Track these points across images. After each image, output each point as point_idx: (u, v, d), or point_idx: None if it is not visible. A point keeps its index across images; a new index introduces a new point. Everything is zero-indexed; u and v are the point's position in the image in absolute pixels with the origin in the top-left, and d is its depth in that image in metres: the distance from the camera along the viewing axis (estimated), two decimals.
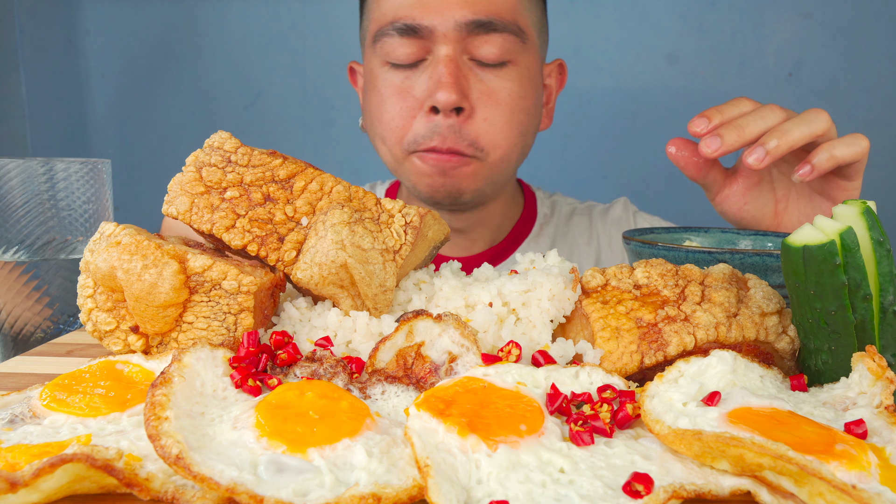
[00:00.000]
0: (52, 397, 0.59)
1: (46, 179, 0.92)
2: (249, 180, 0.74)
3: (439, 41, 1.23)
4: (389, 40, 1.26)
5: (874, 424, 0.54)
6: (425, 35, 1.23)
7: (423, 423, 0.53)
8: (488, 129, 1.26)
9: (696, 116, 0.98)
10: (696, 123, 0.98)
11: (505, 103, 1.27)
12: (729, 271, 0.74)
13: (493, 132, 1.26)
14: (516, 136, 1.30)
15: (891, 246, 0.62)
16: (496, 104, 1.26)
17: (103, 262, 0.68)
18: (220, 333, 0.69)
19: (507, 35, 1.25)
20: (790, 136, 0.94)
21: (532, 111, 1.33)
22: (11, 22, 2.26)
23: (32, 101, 2.33)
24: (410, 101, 1.27)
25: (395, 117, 1.28)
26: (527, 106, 1.31)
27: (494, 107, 1.26)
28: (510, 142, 1.30)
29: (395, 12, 1.25)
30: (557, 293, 0.74)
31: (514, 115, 1.28)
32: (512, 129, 1.29)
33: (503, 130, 1.28)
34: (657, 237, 1.01)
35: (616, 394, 0.60)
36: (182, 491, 0.46)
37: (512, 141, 1.30)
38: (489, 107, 1.26)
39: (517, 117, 1.29)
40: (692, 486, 0.49)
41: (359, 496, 0.46)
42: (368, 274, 0.71)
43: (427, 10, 1.23)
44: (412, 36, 1.24)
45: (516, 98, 1.28)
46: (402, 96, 1.27)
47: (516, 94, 1.28)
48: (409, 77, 1.27)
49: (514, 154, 1.32)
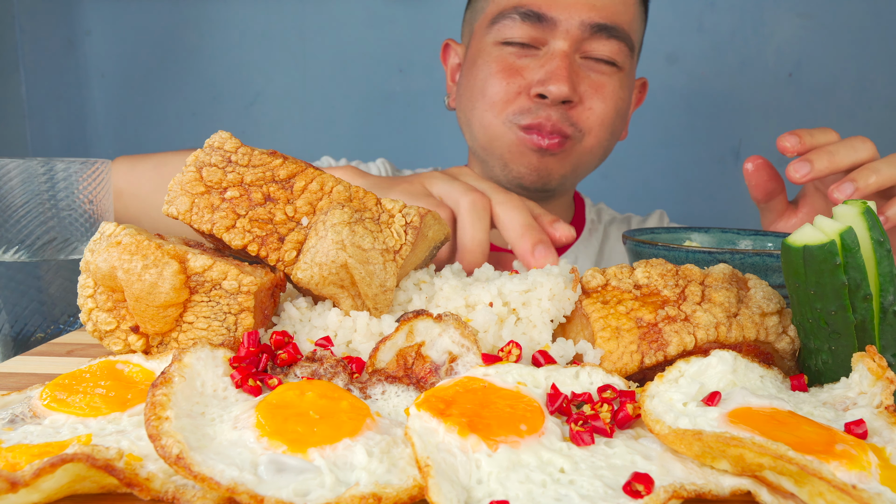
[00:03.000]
0: (52, 397, 0.59)
1: (46, 179, 0.92)
2: (250, 180, 0.74)
3: (559, 35, 1.27)
4: (510, 23, 1.30)
5: (874, 424, 0.54)
6: (547, 26, 1.27)
7: (424, 423, 0.53)
8: (590, 117, 1.31)
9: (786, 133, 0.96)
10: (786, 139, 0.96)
11: (609, 100, 1.32)
12: (729, 271, 0.74)
13: (594, 119, 1.31)
14: (609, 132, 1.35)
15: (891, 246, 0.62)
16: (602, 97, 1.31)
17: (103, 262, 0.68)
18: (220, 333, 0.69)
19: (621, 43, 1.30)
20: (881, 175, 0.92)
21: (625, 117, 1.40)
22: (11, 22, 2.25)
23: (32, 101, 2.33)
24: (520, 80, 1.30)
25: (501, 91, 1.31)
26: (622, 109, 1.37)
27: (600, 99, 1.31)
28: (604, 134, 1.34)
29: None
30: (558, 293, 0.74)
31: (613, 114, 1.34)
32: (607, 125, 1.34)
33: (603, 122, 1.32)
34: (657, 237, 1.01)
35: (616, 394, 0.60)
36: (182, 491, 0.46)
37: (605, 135, 1.34)
38: (595, 98, 1.30)
39: (613, 117, 1.34)
40: (692, 486, 0.49)
41: (359, 496, 0.46)
42: (369, 274, 0.71)
43: (555, 3, 1.27)
44: (534, 22, 1.28)
45: (617, 100, 1.33)
46: (512, 73, 1.30)
47: (618, 96, 1.33)
48: (523, 58, 1.30)
49: (601, 148, 1.37)
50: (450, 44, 1.53)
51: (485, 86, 1.33)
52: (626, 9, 1.32)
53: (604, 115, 1.32)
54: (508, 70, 1.31)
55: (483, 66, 1.34)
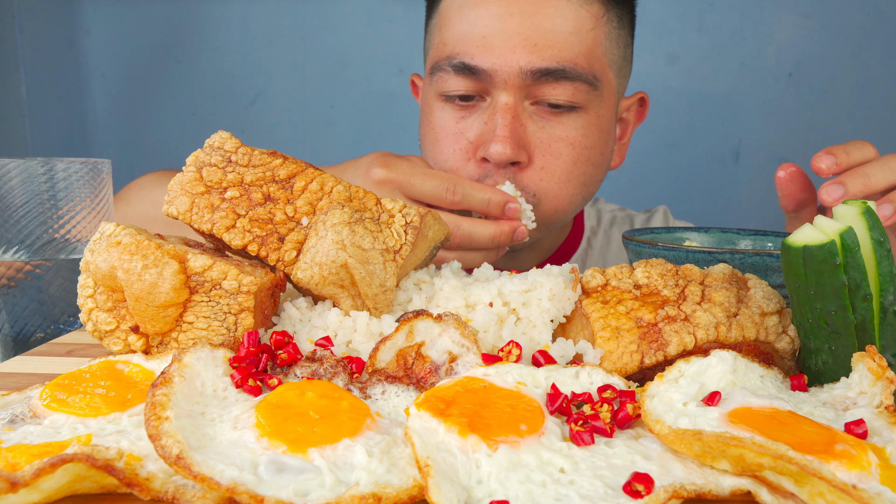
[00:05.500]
0: (52, 397, 0.59)
1: (46, 179, 0.92)
2: (250, 180, 0.74)
3: (499, 87, 1.13)
4: (445, 76, 1.17)
5: (874, 424, 0.54)
6: (484, 78, 1.14)
7: (424, 423, 0.53)
8: (544, 178, 1.17)
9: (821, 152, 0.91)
10: (821, 160, 0.90)
11: (566, 153, 1.17)
12: (729, 271, 0.74)
13: (550, 181, 1.17)
14: (576, 186, 1.21)
15: (891, 246, 0.62)
16: (556, 155, 1.16)
17: (103, 262, 0.68)
18: (220, 333, 0.69)
19: (578, 83, 1.14)
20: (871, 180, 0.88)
21: (598, 160, 1.24)
22: (11, 22, 2.25)
23: (32, 101, 2.33)
24: (464, 143, 1.18)
25: (448, 159, 1.20)
26: (592, 156, 1.21)
27: (554, 157, 1.16)
28: (569, 192, 1.20)
29: (454, 47, 1.16)
30: (557, 293, 0.74)
31: (575, 166, 1.18)
32: (572, 179, 1.19)
33: (561, 181, 1.18)
34: (657, 237, 1.01)
35: (616, 394, 0.60)
36: (182, 491, 0.46)
37: (571, 192, 1.20)
38: (548, 156, 1.16)
39: (579, 168, 1.19)
40: (692, 486, 0.49)
41: (359, 496, 0.46)
42: (369, 274, 0.71)
43: (489, 50, 1.12)
44: (469, 76, 1.15)
45: (580, 148, 1.18)
46: (455, 138, 1.19)
47: (581, 144, 1.18)
48: (465, 118, 1.19)
49: (571, 206, 1.23)
50: (414, 80, 1.43)
51: (434, 150, 1.23)
52: (579, 40, 1.13)
53: (561, 173, 1.17)
54: (452, 136, 1.19)
55: (428, 127, 1.24)
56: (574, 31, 1.13)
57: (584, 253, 1.49)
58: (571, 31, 1.13)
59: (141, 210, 1.27)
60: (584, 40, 1.14)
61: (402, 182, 1.09)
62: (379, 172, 1.10)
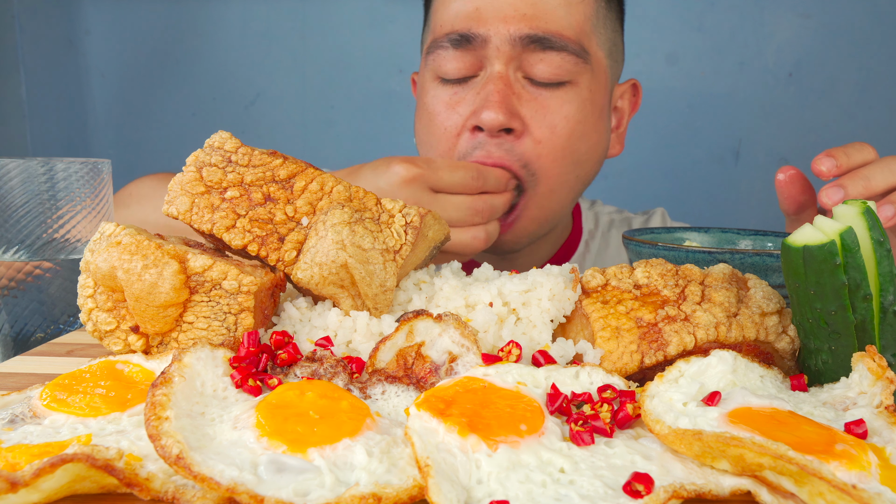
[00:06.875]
0: (52, 397, 0.59)
1: (46, 179, 0.92)
2: (250, 180, 0.74)
3: (492, 56, 1.17)
4: (442, 52, 1.21)
5: (874, 424, 0.54)
6: (479, 46, 1.18)
7: (424, 423, 0.53)
8: (541, 153, 1.18)
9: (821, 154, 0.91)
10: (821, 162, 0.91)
11: (560, 126, 1.18)
12: (729, 271, 0.74)
13: (544, 157, 1.18)
14: (569, 164, 1.21)
15: (891, 246, 0.62)
16: (550, 127, 1.18)
17: (103, 262, 0.68)
18: (220, 333, 0.69)
19: (565, 54, 1.17)
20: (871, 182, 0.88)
21: (593, 138, 1.24)
22: (11, 22, 2.25)
23: (32, 101, 2.33)
24: (456, 118, 1.20)
25: (441, 134, 1.22)
26: (586, 132, 1.22)
27: (548, 129, 1.17)
28: (562, 171, 1.20)
29: (452, 24, 1.20)
30: (557, 293, 0.74)
31: (569, 142, 1.19)
32: (566, 156, 1.19)
33: (556, 158, 1.19)
34: (657, 237, 1.01)
35: (616, 394, 0.60)
36: (182, 491, 0.46)
37: (564, 170, 1.21)
38: (543, 128, 1.17)
39: (573, 144, 1.20)
40: (692, 486, 0.49)
41: (359, 496, 0.46)
42: (369, 274, 0.71)
43: (482, 20, 1.17)
44: (465, 47, 1.18)
45: (573, 122, 1.19)
46: (449, 113, 1.21)
47: (573, 118, 1.19)
48: (458, 93, 1.21)
49: (565, 187, 1.23)
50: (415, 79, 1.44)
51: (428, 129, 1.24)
52: (567, 12, 1.17)
53: (555, 148, 1.18)
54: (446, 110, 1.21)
55: (423, 109, 1.27)
56: (563, 3, 1.18)
57: (582, 256, 1.49)
58: (561, 3, 1.18)
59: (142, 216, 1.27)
60: (573, 13, 1.19)
61: (431, 177, 1.10)
62: (405, 170, 1.10)
